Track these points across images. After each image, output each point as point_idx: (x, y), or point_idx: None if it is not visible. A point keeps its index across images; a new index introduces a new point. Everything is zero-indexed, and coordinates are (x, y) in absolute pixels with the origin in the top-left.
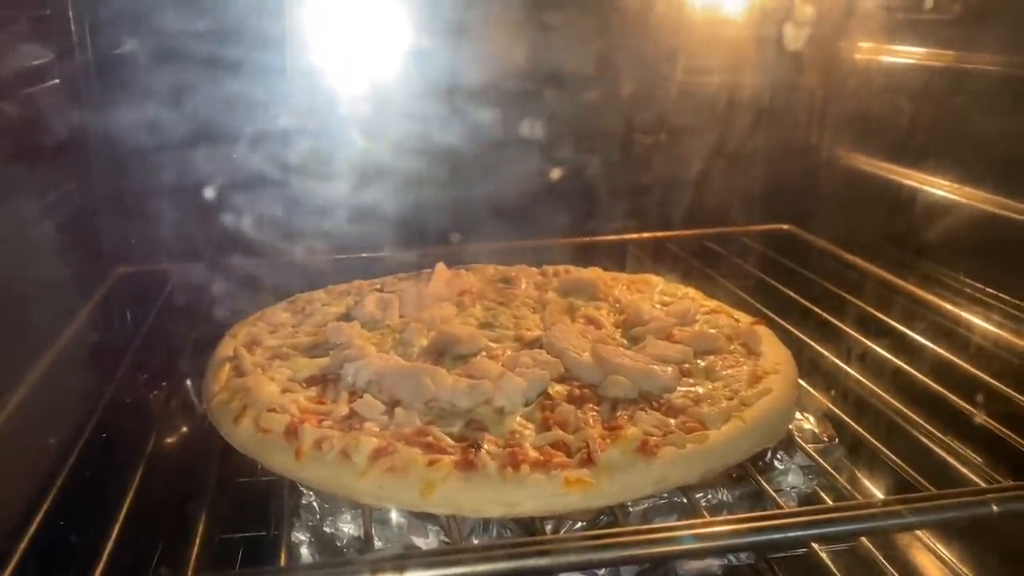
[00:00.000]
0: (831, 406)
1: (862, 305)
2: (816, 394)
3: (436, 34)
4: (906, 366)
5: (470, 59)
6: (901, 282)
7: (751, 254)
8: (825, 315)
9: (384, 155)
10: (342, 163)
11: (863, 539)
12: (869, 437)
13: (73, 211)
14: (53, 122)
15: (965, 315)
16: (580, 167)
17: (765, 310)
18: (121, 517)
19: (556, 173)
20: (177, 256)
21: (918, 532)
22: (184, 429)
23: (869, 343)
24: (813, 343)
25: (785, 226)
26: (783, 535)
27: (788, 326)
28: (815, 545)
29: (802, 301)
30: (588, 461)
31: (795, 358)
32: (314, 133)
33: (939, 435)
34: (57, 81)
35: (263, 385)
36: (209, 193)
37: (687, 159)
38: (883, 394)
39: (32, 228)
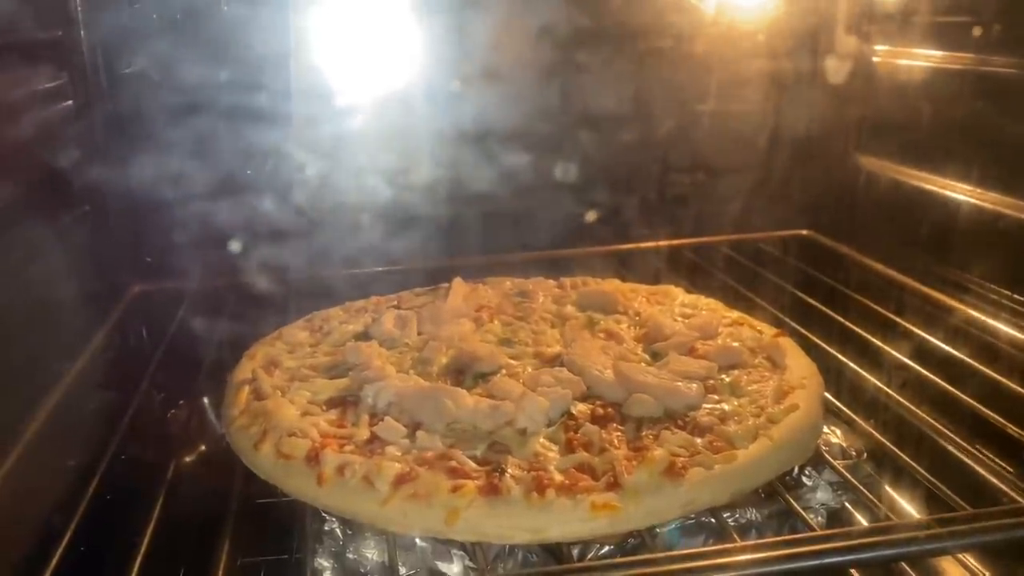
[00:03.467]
0: (857, 419)
1: (884, 312)
2: (842, 407)
3: (468, 78)
4: (932, 375)
5: (502, 102)
6: (924, 288)
7: (770, 260)
8: (848, 323)
9: (414, 201)
10: (368, 209)
11: None
12: (897, 451)
13: (88, 231)
14: (66, 144)
15: (991, 321)
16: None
17: (787, 319)
18: (144, 544)
19: (591, 215)
20: (192, 273)
21: None
22: (203, 448)
23: (894, 352)
24: (837, 353)
25: (804, 231)
26: (820, 561)
27: (810, 335)
28: None
29: (824, 309)
30: (615, 485)
31: (819, 367)
32: (338, 178)
33: (968, 447)
34: (71, 102)
35: (283, 409)
36: (224, 215)
37: (705, 158)
38: (910, 404)
39: (48, 250)
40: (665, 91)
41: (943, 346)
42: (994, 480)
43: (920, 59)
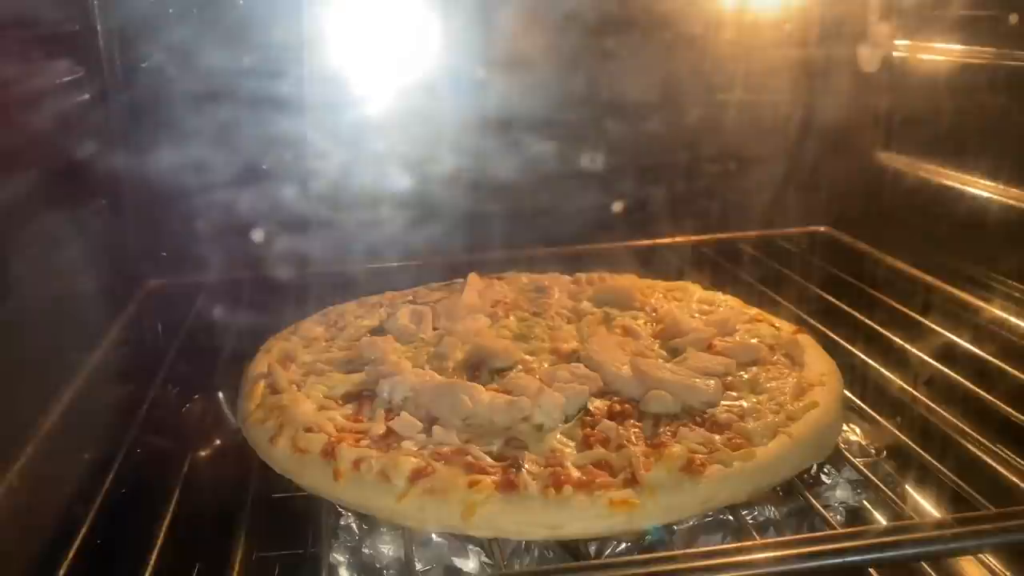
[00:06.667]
0: (877, 416)
1: (905, 309)
2: (861, 404)
3: (493, 65)
4: (952, 373)
5: (527, 90)
6: (945, 285)
7: (789, 257)
8: (867, 320)
9: (436, 191)
10: (389, 200)
11: None
12: (917, 448)
13: (104, 225)
14: (83, 137)
15: (1012, 319)
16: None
17: (805, 316)
18: (160, 538)
19: (618, 206)
20: (207, 268)
21: None
22: (218, 442)
23: (913, 349)
24: (856, 350)
25: (822, 228)
26: (841, 560)
27: (829, 332)
28: None
29: (843, 306)
30: (632, 481)
31: (838, 364)
32: (360, 168)
33: (989, 444)
34: (88, 96)
35: (299, 403)
36: (239, 208)
37: (728, 148)
38: (930, 403)
39: (64, 245)
40: (692, 80)
41: (964, 344)
42: (1016, 480)
43: (942, 54)
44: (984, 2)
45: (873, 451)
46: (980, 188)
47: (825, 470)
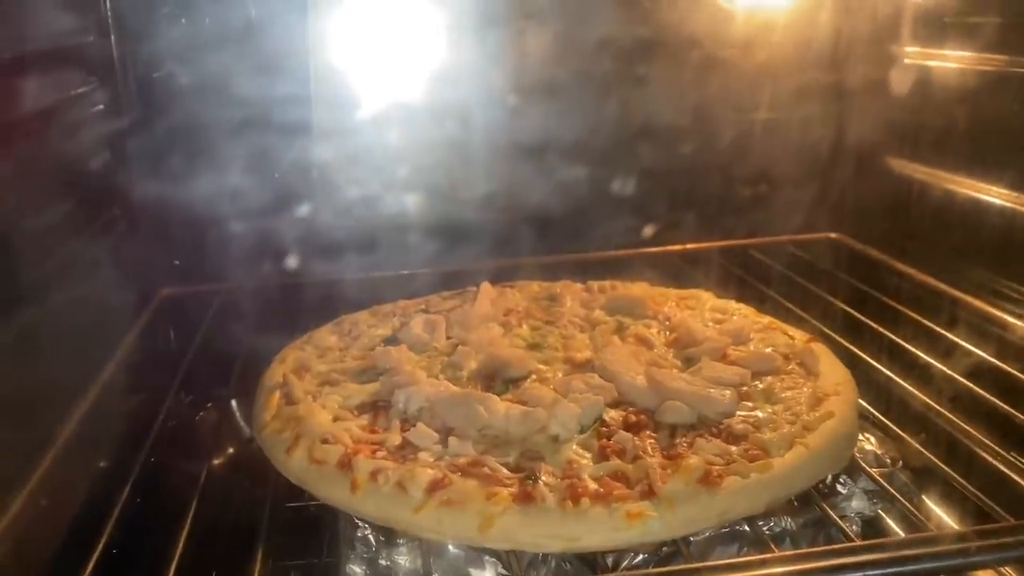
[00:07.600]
0: (892, 425)
1: (916, 317)
2: (876, 413)
3: (525, 90)
4: (966, 381)
5: (559, 115)
6: (956, 292)
7: (799, 264)
8: (879, 328)
9: (467, 216)
10: (418, 224)
11: None
12: (933, 458)
13: (117, 236)
14: (97, 149)
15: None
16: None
17: (818, 324)
18: (179, 549)
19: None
20: (221, 276)
21: None
22: (232, 452)
23: (928, 357)
24: (870, 359)
25: (833, 235)
26: (863, 573)
27: (842, 340)
28: None
29: (855, 314)
30: (650, 493)
31: (854, 375)
32: (386, 191)
33: (1005, 454)
34: (101, 107)
35: (315, 414)
36: (255, 220)
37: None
38: (945, 412)
39: (78, 256)
40: (720, 99)
41: (978, 351)
42: None
43: (964, 63)
44: (1007, 10)
45: (888, 461)
46: (992, 195)
47: (841, 480)
